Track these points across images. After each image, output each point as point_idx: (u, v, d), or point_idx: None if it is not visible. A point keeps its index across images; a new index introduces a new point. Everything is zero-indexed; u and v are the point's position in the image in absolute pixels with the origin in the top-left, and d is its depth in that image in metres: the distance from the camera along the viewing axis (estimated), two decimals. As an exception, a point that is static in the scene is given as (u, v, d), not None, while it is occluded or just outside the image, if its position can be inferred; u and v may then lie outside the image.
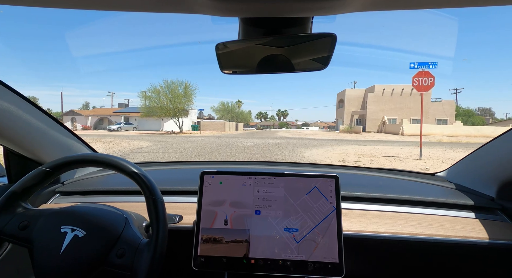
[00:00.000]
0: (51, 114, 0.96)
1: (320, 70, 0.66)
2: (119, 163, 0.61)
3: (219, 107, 54.97)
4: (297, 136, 24.02)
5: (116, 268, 0.55)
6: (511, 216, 0.83)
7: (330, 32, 0.54)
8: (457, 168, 1.10)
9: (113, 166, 0.61)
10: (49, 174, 0.63)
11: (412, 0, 0.37)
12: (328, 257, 0.67)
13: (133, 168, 0.61)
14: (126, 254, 0.56)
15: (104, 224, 0.60)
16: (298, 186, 0.73)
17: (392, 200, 0.90)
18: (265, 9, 0.42)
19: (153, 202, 0.58)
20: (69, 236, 0.56)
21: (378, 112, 32.55)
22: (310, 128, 77.58)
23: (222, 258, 0.69)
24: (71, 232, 0.57)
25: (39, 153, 0.95)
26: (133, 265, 0.54)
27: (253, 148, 11.09)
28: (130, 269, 0.54)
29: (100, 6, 0.40)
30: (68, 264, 0.54)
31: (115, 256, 0.56)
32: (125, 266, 0.55)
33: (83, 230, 0.57)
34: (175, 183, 1.01)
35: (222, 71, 0.67)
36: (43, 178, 0.63)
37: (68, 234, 0.56)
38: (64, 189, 1.01)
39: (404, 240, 0.75)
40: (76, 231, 0.57)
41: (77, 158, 0.63)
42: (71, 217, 0.60)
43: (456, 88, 41.92)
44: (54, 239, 0.56)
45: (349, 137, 21.54)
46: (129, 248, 0.57)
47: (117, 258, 0.56)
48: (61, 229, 0.57)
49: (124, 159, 0.63)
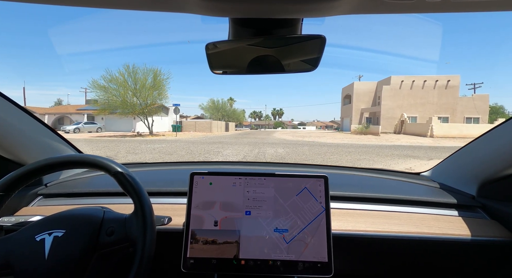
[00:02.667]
0: (33, 114, 0.92)
1: (310, 71, 0.67)
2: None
3: (208, 105, 49.30)
4: (300, 138, 18.33)
5: (112, 246, 0.56)
6: (490, 213, 0.86)
7: (319, 34, 0.55)
8: (441, 168, 1.14)
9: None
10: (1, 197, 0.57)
11: (397, 5, 0.38)
12: (317, 257, 0.68)
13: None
14: (116, 229, 0.57)
15: (82, 217, 0.59)
16: (288, 186, 0.74)
17: (380, 199, 0.92)
18: (255, 10, 0.43)
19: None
20: (48, 240, 0.54)
21: (395, 109, 27.10)
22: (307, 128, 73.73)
23: (212, 260, 0.68)
24: (49, 236, 0.55)
25: (19, 153, 0.92)
26: (128, 235, 0.55)
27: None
28: (127, 239, 0.55)
29: (90, 3, 0.41)
30: (59, 264, 0.53)
31: (106, 236, 0.56)
32: (120, 240, 0.56)
33: (61, 230, 0.56)
34: (164, 184, 1.00)
35: (212, 71, 0.67)
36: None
37: (47, 238, 0.55)
38: (47, 191, 0.98)
39: (391, 238, 0.76)
40: (54, 232, 0.56)
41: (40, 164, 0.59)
42: (43, 224, 0.58)
43: (474, 83, 36.78)
44: (34, 250, 0.54)
45: (370, 140, 16.04)
46: (116, 223, 0.57)
47: (108, 237, 0.56)
48: (36, 238, 0.55)
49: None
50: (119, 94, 18.88)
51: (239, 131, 41.23)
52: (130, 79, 19.34)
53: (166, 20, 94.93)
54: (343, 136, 20.49)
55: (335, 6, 0.39)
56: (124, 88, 18.98)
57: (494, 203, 0.86)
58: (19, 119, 0.88)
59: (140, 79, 19.65)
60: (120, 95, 18.90)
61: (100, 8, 0.42)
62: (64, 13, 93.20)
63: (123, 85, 18.85)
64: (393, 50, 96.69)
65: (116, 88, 18.90)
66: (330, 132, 35.69)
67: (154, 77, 19.97)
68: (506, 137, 0.78)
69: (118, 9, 0.42)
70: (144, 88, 19.63)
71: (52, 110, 31.80)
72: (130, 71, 19.32)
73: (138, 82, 19.58)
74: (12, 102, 0.83)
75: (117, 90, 18.90)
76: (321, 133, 28.34)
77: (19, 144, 0.90)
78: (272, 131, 43.11)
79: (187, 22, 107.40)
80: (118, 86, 18.88)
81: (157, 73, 20.10)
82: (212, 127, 31.48)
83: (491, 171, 0.85)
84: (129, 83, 19.25)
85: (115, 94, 18.86)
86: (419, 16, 0.50)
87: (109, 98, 18.89)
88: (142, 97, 19.72)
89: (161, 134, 21.68)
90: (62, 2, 0.39)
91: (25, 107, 0.88)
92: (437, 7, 0.39)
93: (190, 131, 30.31)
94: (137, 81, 19.53)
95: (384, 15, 0.46)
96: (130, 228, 0.56)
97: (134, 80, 19.37)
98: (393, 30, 79.83)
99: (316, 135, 23.96)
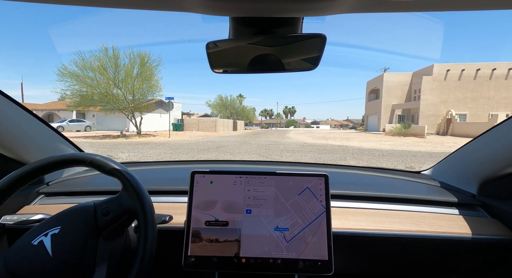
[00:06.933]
0: (33, 112, 0.92)
1: (311, 70, 0.67)
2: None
3: (216, 102, 45.62)
4: (323, 141, 13.95)
5: (113, 223, 0.56)
6: (491, 211, 0.86)
7: (320, 32, 0.55)
8: (442, 166, 1.12)
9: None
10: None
11: (397, 4, 0.39)
12: (317, 255, 0.68)
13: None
14: (111, 208, 0.57)
15: (74, 210, 0.59)
16: (289, 185, 0.73)
17: (380, 198, 0.91)
18: (256, 9, 0.43)
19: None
20: (46, 240, 0.54)
21: (438, 105, 22.13)
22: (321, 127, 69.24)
23: (213, 258, 0.68)
24: (45, 236, 0.55)
25: (20, 153, 0.92)
26: (125, 208, 0.56)
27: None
28: (125, 212, 0.56)
29: (91, 3, 0.41)
30: (67, 257, 0.53)
31: (103, 216, 0.56)
32: (119, 215, 0.56)
33: (56, 227, 0.56)
34: (165, 182, 0.99)
35: (213, 70, 0.67)
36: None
37: (44, 239, 0.54)
38: (48, 189, 0.98)
39: (392, 237, 0.76)
40: (50, 232, 0.55)
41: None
42: (36, 229, 0.57)
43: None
44: (35, 253, 0.53)
45: (420, 145, 11.47)
46: (110, 204, 0.58)
47: (106, 216, 0.56)
48: (32, 243, 0.54)
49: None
50: (96, 85, 14.87)
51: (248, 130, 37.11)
52: (110, 65, 15.21)
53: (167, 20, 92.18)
54: (377, 139, 15.91)
55: (336, 5, 0.39)
56: (105, 78, 14.96)
57: (495, 201, 0.86)
58: (20, 118, 0.88)
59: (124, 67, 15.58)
60: (97, 85, 14.89)
61: (100, 7, 0.42)
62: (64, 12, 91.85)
63: (101, 72, 14.71)
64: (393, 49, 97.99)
65: (92, 76, 14.80)
66: (355, 132, 30.72)
67: (142, 63, 15.82)
68: (507, 136, 0.78)
69: (118, 9, 0.43)
70: (131, 78, 15.61)
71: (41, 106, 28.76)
72: (112, 56, 15.20)
73: (121, 70, 15.50)
74: (13, 101, 0.83)
75: (93, 79, 14.83)
76: (345, 134, 23.65)
77: (20, 143, 0.90)
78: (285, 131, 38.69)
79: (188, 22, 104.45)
80: (95, 74, 14.76)
81: (144, 59, 15.81)
82: (217, 126, 27.62)
83: (491, 170, 0.85)
84: (109, 70, 15.13)
85: (91, 84, 14.83)
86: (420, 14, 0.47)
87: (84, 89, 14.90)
88: (127, 90, 15.79)
89: (152, 134, 17.77)
90: (63, 1, 0.39)
91: (26, 107, 0.87)
92: (437, 6, 0.39)
93: (192, 130, 26.73)
94: (119, 69, 15.44)
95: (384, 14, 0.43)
96: (125, 202, 0.56)
97: (115, 66, 15.26)
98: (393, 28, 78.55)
99: (341, 136, 19.40)
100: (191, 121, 28.68)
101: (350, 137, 17.58)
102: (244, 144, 12.33)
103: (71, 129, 21.94)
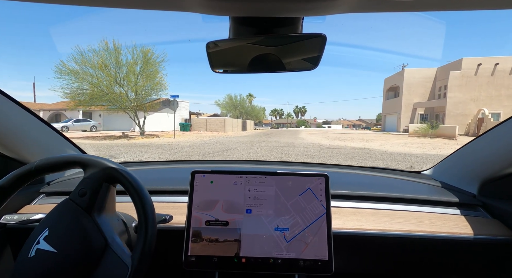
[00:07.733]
0: (34, 112, 0.92)
1: (311, 70, 0.67)
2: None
3: (225, 101, 44.61)
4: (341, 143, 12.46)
5: (95, 197, 0.57)
6: (491, 212, 0.85)
7: (320, 32, 0.55)
8: (442, 166, 1.12)
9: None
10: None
11: (397, 3, 0.39)
12: (318, 255, 0.68)
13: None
14: (86, 187, 0.57)
15: (52, 210, 0.58)
16: (289, 185, 0.73)
17: (381, 198, 0.91)
18: (256, 9, 0.43)
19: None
20: (43, 245, 0.53)
21: (468, 103, 20.05)
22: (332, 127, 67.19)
23: (213, 257, 0.68)
24: (39, 243, 0.53)
25: (21, 152, 0.92)
26: (98, 179, 0.57)
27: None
28: (99, 179, 0.57)
29: (91, 2, 0.41)
30: (72, 245, 0.53)
31: (81, 198, 0.56)
32: (95, 189, 0.57)
33: (43, 231, 0.54)
34: (165, 182, 0.99)
35: (213, 70, 0.67)
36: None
37: (40, 245, 0.53)
38: (49, 189, 0.98)
39: (392, 237, 0.76)
40: (40, 238, 0.53)
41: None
42: (26, 247, 0.54)
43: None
44: (39, 260, 0.52)
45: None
46: (82, 185, 0.58)
47: (83, 197, 0.56)
48: (29, 257, 0.52)
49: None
50: (96, 82, 13.95)
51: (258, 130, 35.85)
52: (111, 61, 14.23)
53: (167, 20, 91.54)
54: (401, 140, 14.23)
55: (336, 5, 0.39)
56: (106, 74, 14.00)
57: (495, 201, 0.85)
58: (22, 118, 0.88)
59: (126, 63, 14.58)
60: (97, 83, 13.97)
61: (101, 7, 0.42)
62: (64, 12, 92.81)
63: (102, 69, 13.76)
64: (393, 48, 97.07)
65: (92, 73, 13.87)
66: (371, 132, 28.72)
67: (145, 59, 14.80)
68: (508, 136, 0.78)
69: (119, 8, 0.43)
70: (133, 75, 14.62)
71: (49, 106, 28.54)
72: (112, 51, 14.20)
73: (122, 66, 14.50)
74: (15, 101, 0.84)
75: (93, 76, 13.90)
76: (361, 135, 21.92)
77: (21, 143, 0.90)
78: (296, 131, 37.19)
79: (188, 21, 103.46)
80: (95, 71, 13.83)
81: (147, 54, 14.74)
82: (226, 126, 26.51)
83: (492, 170, 0.84)
84: (110, 67, 14.16)
85: (91, 81, 13.91)
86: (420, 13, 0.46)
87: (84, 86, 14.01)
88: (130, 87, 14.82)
89: (156, 135, 16.78)
90: (63, 1, 0.39)
91: (26, 106, 0.87)
92: (437, 6, 0.39)
93: (200, 130, 25.74)
94: (121, 65, 14.45)
95: (384, 13, 0.43)
96: (94, 175, 0.57)
97: (116, 62, 14.27)
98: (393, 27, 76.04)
99: (357, 137, 17.76)
100: (199, 121, 27.69)
101: (369, 139, 15.95)
102: (254, 146, 11.03)
103: (77, 129, 21.38)
